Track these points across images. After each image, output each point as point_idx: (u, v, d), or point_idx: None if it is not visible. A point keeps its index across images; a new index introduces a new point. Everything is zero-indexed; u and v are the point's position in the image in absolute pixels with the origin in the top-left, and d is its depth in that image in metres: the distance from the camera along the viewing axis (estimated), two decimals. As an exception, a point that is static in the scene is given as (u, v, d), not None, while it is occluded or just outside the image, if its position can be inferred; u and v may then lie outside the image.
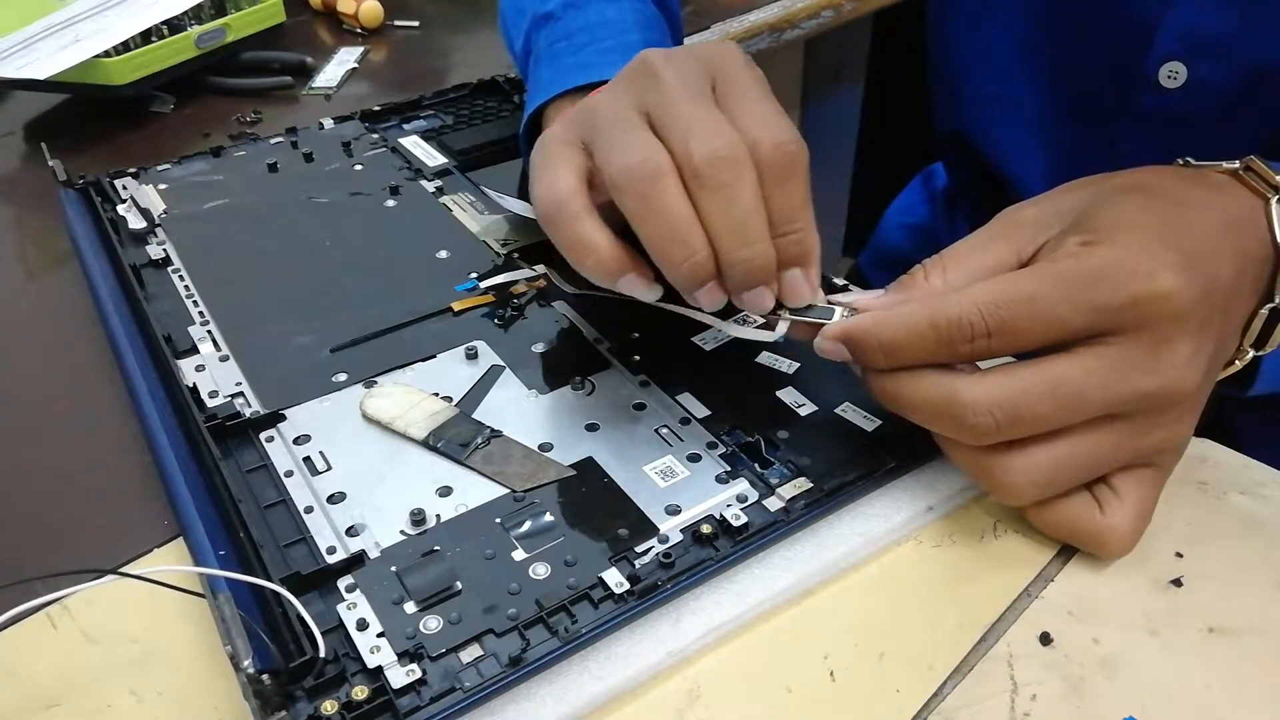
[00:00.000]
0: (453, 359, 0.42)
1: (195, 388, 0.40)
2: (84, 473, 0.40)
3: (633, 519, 0.34)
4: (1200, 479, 0.38)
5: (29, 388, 0.45)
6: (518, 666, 0.29)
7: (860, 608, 0.34)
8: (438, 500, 0.35)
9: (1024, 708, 0.30)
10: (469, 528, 0.34)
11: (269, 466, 0.37)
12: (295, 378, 0.41)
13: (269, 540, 0.34)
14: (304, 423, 0.39)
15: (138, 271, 0.47)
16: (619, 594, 0.32)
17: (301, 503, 0.35)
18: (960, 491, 0.37)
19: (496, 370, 0.41)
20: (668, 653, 0.31)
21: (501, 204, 0.50)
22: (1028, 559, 0.35)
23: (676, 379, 0.40)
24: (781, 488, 0.35)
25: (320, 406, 0.40)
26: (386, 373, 0.41)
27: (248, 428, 0.38)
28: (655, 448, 0.37)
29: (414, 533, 0.34)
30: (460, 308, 0.45)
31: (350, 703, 0.28)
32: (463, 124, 0.63)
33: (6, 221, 0.60)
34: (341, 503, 0.35)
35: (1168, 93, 0.48)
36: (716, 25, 0.78)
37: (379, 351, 0.43)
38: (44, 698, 0.32)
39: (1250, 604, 0.33)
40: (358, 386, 0.41)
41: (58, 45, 0.67)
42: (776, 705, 0.31)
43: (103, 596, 0.35)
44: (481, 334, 0.44)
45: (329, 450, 0.38)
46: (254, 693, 0.28)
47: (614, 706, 0.31)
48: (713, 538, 0.33)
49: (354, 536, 0.34)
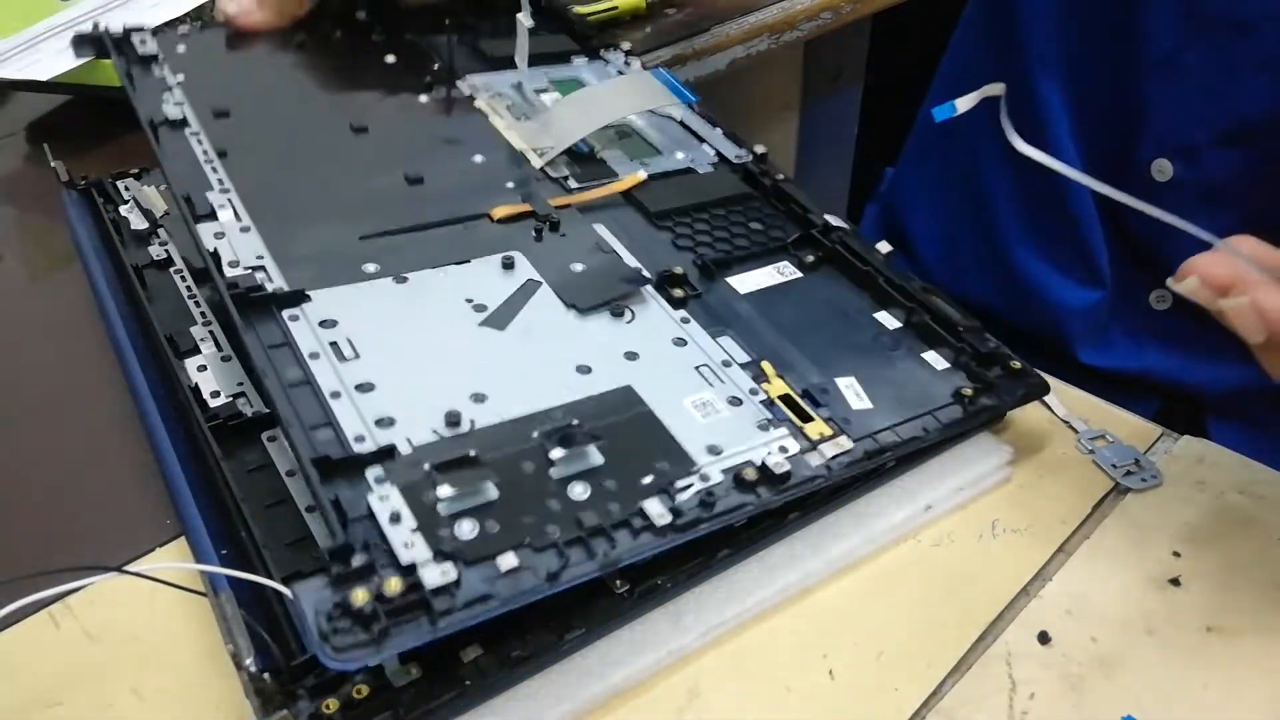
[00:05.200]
0: (488, 266, 0.40)
1: (216, 253, 0.38)
2: (85, 474, 0.40)
3: (673, 452, 0.33)
4: (1198, 479, 0.38)
5: (30, 388, 0.45)
6: (555, 582, 0.28)
7: (859, 606, 0.34)
8: (473, 405, 0.34)
9: (1022, 706, 0.30)
10: (505, 437, 0.33)
11: (291, 345, 0.34)
12: (321, 261, 0.39)
13: (294, 418, 0.31)
14: (330, 307, 0.36)
15: (140, 272, 0.47)
16: (660, 526, 0.30)
17: (327, 387, 0.33)
18: (960, 491, 0.37)
19: (533, 285, 0.40)
20: (668, 651, 0.32)
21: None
22: (1026, 558, 0.35)
23: (717, 320, 0.40)
24: (823, 445, 0.34)
25: (349, 293, 0.38)
26: (419, 270, 0.40)
27: (270, 303, 0.36)
28: (695, 384, 0.36)
29: (448, 434, 0.32)
30: (500, 215, 0.43)
31: (381, 595, 0.26)
32: (501, 33, 0.59)
33: (9, 222, 0.60)
34: (370, 393, 0.33)
35: (1160, 184, 0.50)
36: (716, 28, 0.78)
37: (412, 246, 0.41)
38: (45, 696, 0.32)
39: (1248, 603, 0.33)
40: (388, 280, 0.39)
41: (60, 46, 0.67)
42: (776, 704, 0.31)
43: (104, 595, 0.35)
44: (518, 244, 0.42)
45: (357, 339, 0.35)
46: (255, 691, 0.28)
47: (614, 705, 0.31)
48: (755, 484, 0.32)
49: (384, 429, 0.32)
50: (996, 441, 0.39)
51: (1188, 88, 0.48)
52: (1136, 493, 0.38)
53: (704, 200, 0.47)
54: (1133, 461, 0.39)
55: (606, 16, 0.77)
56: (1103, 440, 0.40)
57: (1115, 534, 0.36)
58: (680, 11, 0.80)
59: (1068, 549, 0.36)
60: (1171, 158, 0.49)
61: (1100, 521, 0.37)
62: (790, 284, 0.43)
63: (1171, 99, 0.49)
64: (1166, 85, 0.49)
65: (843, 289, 0.43)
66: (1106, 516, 0.37)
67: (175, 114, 0.47)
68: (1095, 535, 0.36)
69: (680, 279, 0.41)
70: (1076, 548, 0.36)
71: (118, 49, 0.52)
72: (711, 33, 0.77)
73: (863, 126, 1.27)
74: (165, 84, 0.50)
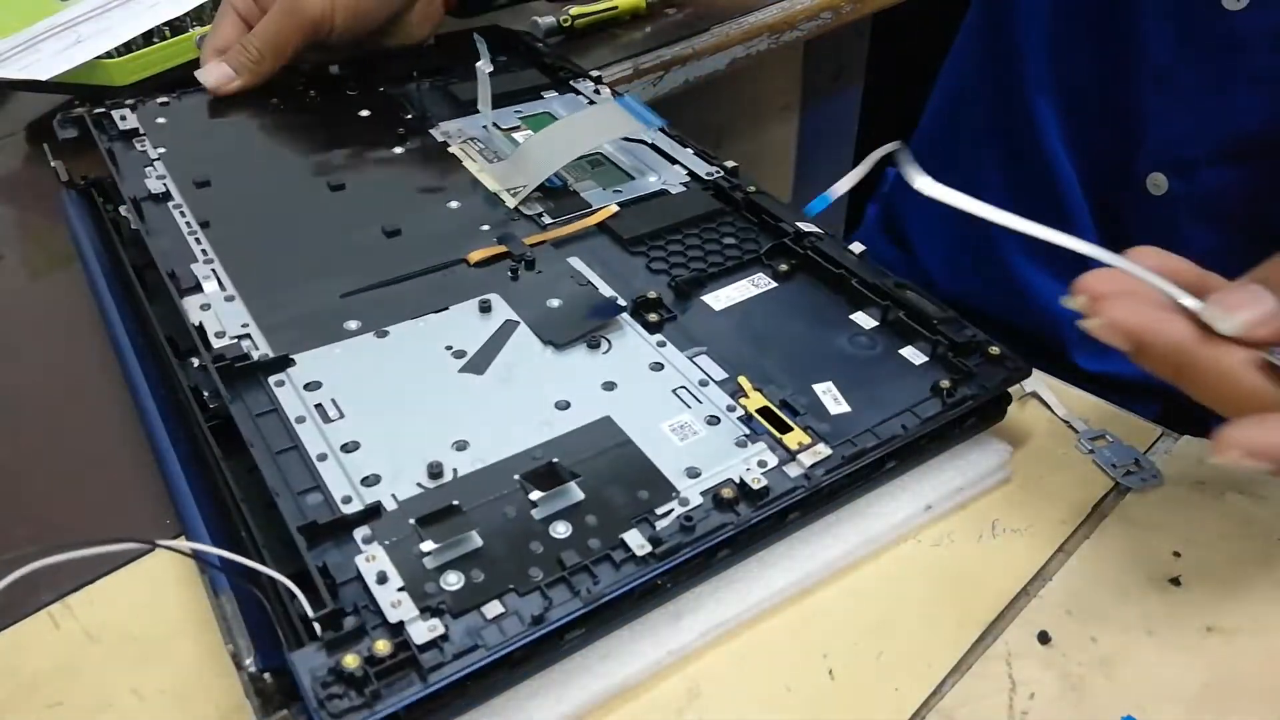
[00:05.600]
0: (466, 311, 0.42)
1: (201, 326, 0.39)
2: (85, 474, 0.40)
3: (652, 480, 0.34)
4: (1198, 478, 0.38)
5: (30, 388, 0.45)
6: (540, 625, 0.29)
7: (859, 607, 0.34)
8: (454, 454, 0.35)
9: (1022, 706, 0.30)
10: (487, 483, 0.33)
11: (279, 411, 0.36)
12: (305, 323, 0.40)
13: (283, 487, 0.33)
14: (315, 369, 0.38)
15: (140, 272, 0.47)
16: (641, 556, 0.31)
17: (314, 450, 0.34)
18: (960, 491, 0.37)
19: (511, 325, 0.41)
20: (668, 652, 0.32)
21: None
22: (1026, 558, 0.35)
23: (693, 340, 0.40)
24: (801, 454, 0.34)
25: (332, 352, 0.39)
26: (399, 323, 0.41)
27: (257, 371, 0.37)
28: (673, 408, 0.37)
29: (431, 486, 0.33)
30: (476, 259, 0.44)
31: (372, 657, 0.27)
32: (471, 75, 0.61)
33: (8, 222, 0.60)
34: (355, 452, 0.34)
35: (1155, 198, 0.50)
36: (716, 27, 0.78)
37: (392, 299, 0.42)
38: (45, 696, 0.32)
39: (1248, 603, 0.33)
40: (369, 335, 0.40)
41: (60, 46, 0.67)
42: (776, 704, 0.31)
43: (104, 595, 0.35)
44: (495, 286, 0.43)
45: (341, 398, 0.37)
46: (256, 691, 0.28)
47: (614, 705, 0.31)
48: (733, 502, 0.33)
49: (370, 487, 0.33)
50: (996, 441, 0.39)
51: (1183, 104, 0.48)
52: (1137, 493, 0.38)
53: (676, 221, 0.48)
54: (1133, 461, 0.39)
55: (607, 16, 0.77)
56: (1103, 440, 0.40)
57: (1115, 534, 0.36)
58: (680, 11, 0.80)
59: (1068, 549, 0.36)
60: (1167, 172, 0.50)
61: (1100, 521, 0.37)
62: (765, 295, 0.43)
63: (1167, 114, 0.49)
64: (1162, 101, 0.49)
65: (818, 294, 0.43)
66: (1107, 516, 0.37)
67: (158, 188, 0.49)
68: (1095, 535, 0.36)
69: (655, 303, 0.42)
70: (1077, 548, 0.36)
71: (98, 126, 0.54)
72: (711, 32, 0.77)
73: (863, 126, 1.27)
74: (147, 158, 0.52)
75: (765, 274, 0.44)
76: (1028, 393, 0.42)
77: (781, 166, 1.24)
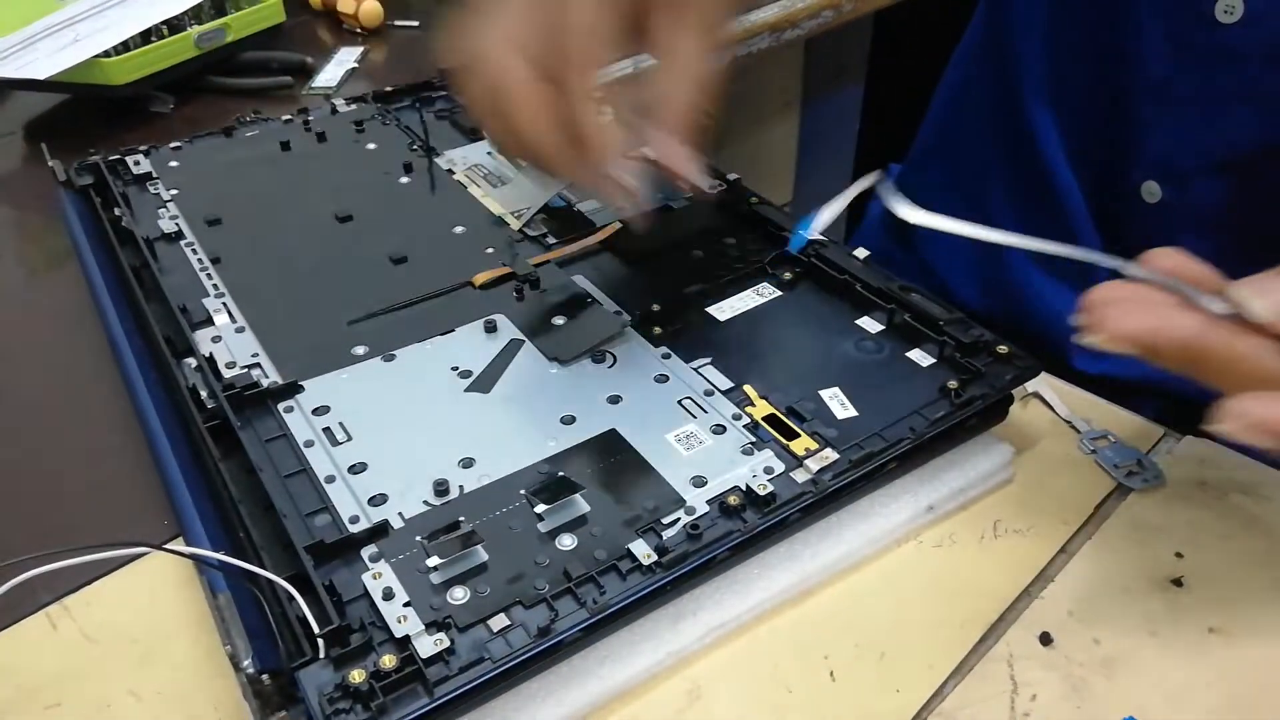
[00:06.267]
0: (472, 332, 0.42)
1: (212, 357, 0.40)
2: (84, 474, 0.40)
3: (659, 490, 0.34)
4: (1200, 479, 0.38)
5: (29, 387, 0.45)
6: (546, 637, 0.29)
7: (860, 608, 0.34)
8: (461, 471, 0.35)
9: (1024, 708, 0.30)
10: (493, 499, 0.34)
11: (288, 436, 0.37)
12: (313, 351, 0.41)
13: (291, 509, 0.33)
14: (323, 394, 0.39)
15: (137, 271, 0.47)
16: (647, 565, 0.31)
17: (322, 472, 0.35)
18: (960, 491, 0.37)
19: (516, 344, 0.41)
20: (668, 653, 0.31)
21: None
22: (1028, 559, 0.35)
23: (698, 351, 0.40)
24: (808, 460, 0.34)
25: (340, 378, 0.40)
26: (406, 346, 0.41)
27: (266, 398, 0.38)
28: (679, 418, 0.37)
29: (438, 503, 0.34)
30: (481, 281, 0.45)
31: (378, 672, 0.28)
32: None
33: (6, 222, 0.60)
34: (363, 473, 0.35)
35: (1149, 206, 0.50)
36: (717, 25, 0.78)
37: (399, 323, 0.43)
38: (43, 697, 0.32)
39: (1250, 604, 0.33)
40: (377, 360, 0.41)
41: (57, 45, 0.67)
42: (776, 705, 0.31)
43: (102, 597, 0.35)
44: (500, 307, 0.43)
45: (349, 421, 0.37)
46: (254, 693, 0.28)
47: (614, 706, 0.31)
48: (740, 509, 0.33)
49: (376, 506, 0.34)
50: (998, 442, 0.38)
51: (1178, 116, 0.48)
52: (1139, 493, 0.37)
53: (680, 235, 0.48)
54: (1135, 462, 0.39)
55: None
56: (1105, 440, 0.40)
57: (1117, 534, 0.36)
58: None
59: (1070, 550, 0.35)
60: (1160, 181, 0.50)
61: (1102, 522, 0.37)
62: (770, 304, 0.43)
63: (1162, 126, 0.49)
64: (1158, 113, 0.49)
65: (823, 301, 0.43)
66: (1109, 517, 0.37)
67: (170, 228, 0.50)
68: (1097, 536, 0.36)
69: (660, 316, 0.42)
70: (1079, 548, 0.36)
71: (113, 172, 0.54)
72: (712, 31, 0.77)
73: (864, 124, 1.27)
74: (160, 199, 0.53)
75: (770, 283, 0.44)
76: (1030, 393, 0.42)
77: (782, 164, 1.24)
